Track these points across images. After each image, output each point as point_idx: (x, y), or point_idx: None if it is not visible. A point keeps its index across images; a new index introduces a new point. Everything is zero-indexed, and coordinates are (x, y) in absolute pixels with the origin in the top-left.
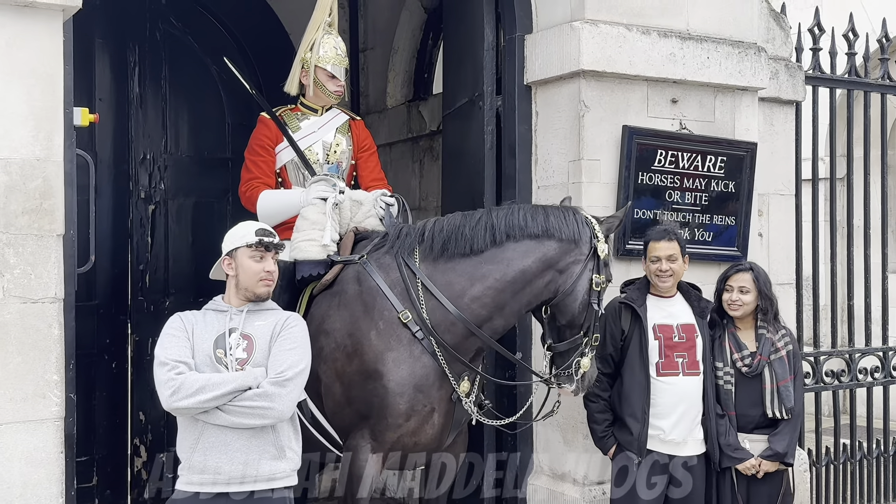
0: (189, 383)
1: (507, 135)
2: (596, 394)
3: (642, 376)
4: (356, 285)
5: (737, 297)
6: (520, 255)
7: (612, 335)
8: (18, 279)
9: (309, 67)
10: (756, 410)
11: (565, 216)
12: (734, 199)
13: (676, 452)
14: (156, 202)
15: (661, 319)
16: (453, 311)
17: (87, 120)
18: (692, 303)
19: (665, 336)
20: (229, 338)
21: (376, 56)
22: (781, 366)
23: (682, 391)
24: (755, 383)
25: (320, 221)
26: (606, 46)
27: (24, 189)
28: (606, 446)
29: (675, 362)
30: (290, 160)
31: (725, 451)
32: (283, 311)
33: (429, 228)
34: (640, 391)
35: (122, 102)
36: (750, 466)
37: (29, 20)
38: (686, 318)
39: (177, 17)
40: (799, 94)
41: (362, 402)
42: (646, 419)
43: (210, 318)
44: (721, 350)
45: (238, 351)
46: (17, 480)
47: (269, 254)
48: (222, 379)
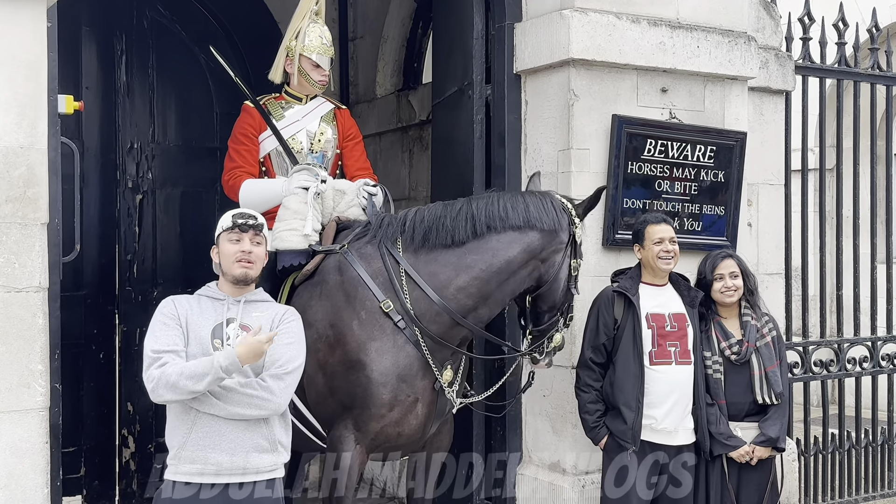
0: (167, 374)
1: (496, 124)
2: (587, 384)
3: (636, 365)
4: (337, 275)
5: (730, 283)
6: (504, 245)
7: (605, 324)
8: (2, 268)
9: (294, 56)
10: (745, 398)
11: (544, 204)
12: (723, 189)
13: (668, 441)
14: (143, 192)
15: (654, 308)
16: (437, 301)
17: (71, 107)
18: (682, 292)
19: (658, 325)
20: (227, 328)
21: (366, 45)
22: (768, 351)
23: (675, 380)
24: (744, 370)
25: (302, 211)
26: (596, 35)
27: (8, 177)
28: (598, 436)
29: (668, 351)
30: (273, 149)
31: (718, 439)
32: (280, 305)
33: (410, 218)
34: (635, 380)
35: (108, 91)
36: (744, 454)
37: (12, 6)
38: (677, 308)
39: (164, 5)
40: (789, 83)
41: (345, 392)
42: (640, 408)
43: (205, 305)
44: (708, 340)
45: (236, 342)
46: (1, 471)
47: (246, 234)
48: (198, 368)
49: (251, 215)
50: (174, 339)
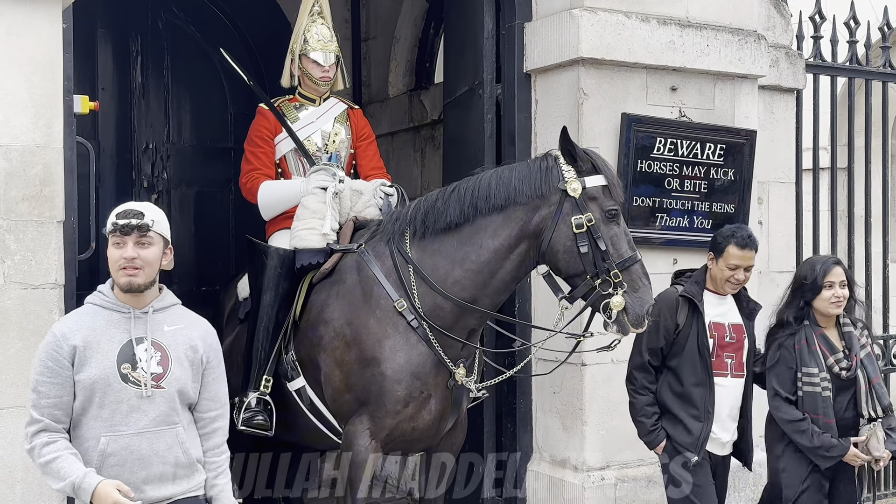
0: (36, 457)
1: (506, 123)
2: (645, 386)
3: (704, 374)
4: (355, 274)
5: (840, 292)
6: (490, 234)
7: (665, 328)
8: (19, 265)
9: (295, 56)
10: (849, 413)
11: (529, 169)
12: (734, 187)
13: (717, 451)
14: (158, 191)
15: (716, 317)
16: (440, 293)
17: (87, 107)
18: (741, 303)
19: (719, 335)
20: (137, 348)
21: (378, 45)
22: (871, 363)
23: (729, 392)
24: (849, 385)
25: (320, 210)
26: (605, 34)
27: (25, 176)
28: (656, 440)
29: (725, 363)
30: (289, 150)
31: (818, 453)
32: (191, 315)
33: (413, 208)
34: (704, 390)
35: (124, 91)
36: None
37: (29, 8)
38: (735, 318)
39: (179, 7)
40: (799, 81)
41: (361, 389)
42: (709, 418)
43: (105, 319)
44: (811, 355)
45: (152, 364)
46: (18, 464)
47: (130, 238)
48: (59, 472)
49: (136, 213)
50: (55, 401)
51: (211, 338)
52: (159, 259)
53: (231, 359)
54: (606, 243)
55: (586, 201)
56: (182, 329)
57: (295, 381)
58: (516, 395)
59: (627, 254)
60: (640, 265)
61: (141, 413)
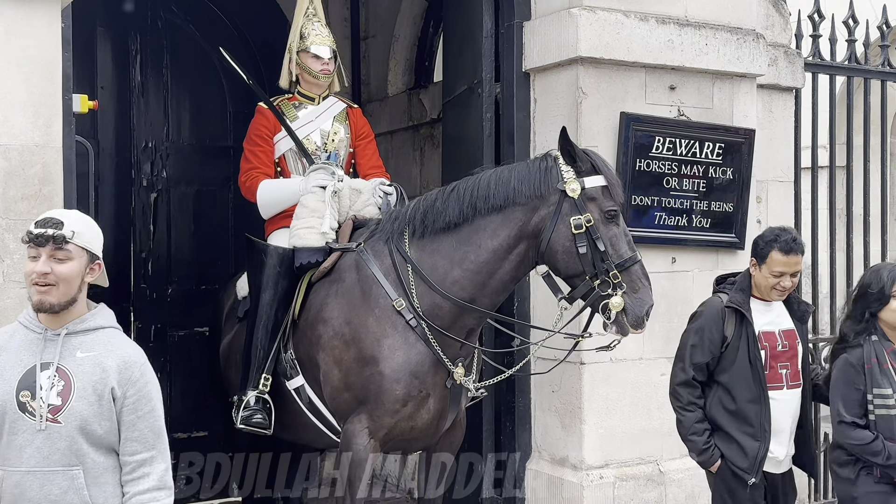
0: None
1: (505, 122)
2: (691, 401)
3: (758, 390)
4: (354, 273)
5: None
6: (489, 234)
7: (711, 341)
8: (18, 264)
9: (293, 55)
10: None
11: (529, 169)
12: (732, 186)
13: (774, 470)
14: (158, 190)
15: (765, 326)
16: (438, 292)
17: (86, 106)
18: (791, 306)
19: (770, 345)
20: (40, 374)
21: (377, 44)
22: None
23: (787, 406)
24: None
25: (319, 209)
26: (604, 33)
27: (24, 175)
28: (712, 460)
29: (780, 374)
30: (288, 149)
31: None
32: (118, 341)
33: (412, 207)
34: (759, 406)
35: (123, 90)
36: None
37: (27, 7)
38: (787, 324)
39: (178, 5)
40: (798, 80)
41: (360, 387)
42: (766, 437)
43: (21, 340)
44: (883, 374)
45: (52, 395)
46: None
47: (44, 249)
48: None
49: (54, 222)
50: None
51: (133, 370)
52: (80, 276)
53: (230, 357)
54: (605, 244)
55: (585, 202)
56: (94, 356)
57: (294, 380)
58: (515, 394)
59: (627, 254)
60: (639, 266)
61: (34, 449)
